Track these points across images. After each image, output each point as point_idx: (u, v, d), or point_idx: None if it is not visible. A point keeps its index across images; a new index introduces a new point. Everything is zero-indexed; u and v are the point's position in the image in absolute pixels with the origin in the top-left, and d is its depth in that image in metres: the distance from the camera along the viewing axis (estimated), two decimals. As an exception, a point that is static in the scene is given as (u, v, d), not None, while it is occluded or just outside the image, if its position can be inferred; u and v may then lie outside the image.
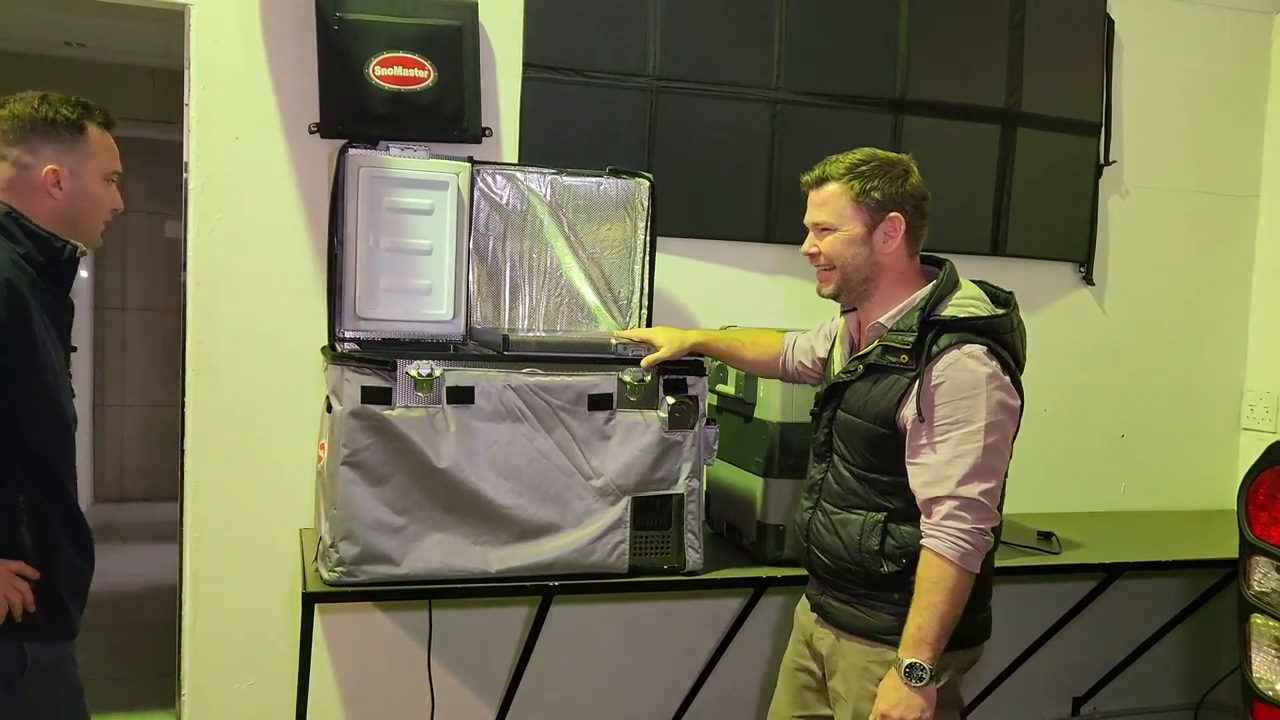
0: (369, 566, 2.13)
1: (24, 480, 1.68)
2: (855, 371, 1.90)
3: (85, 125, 1.79)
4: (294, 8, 2.64)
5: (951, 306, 1.84)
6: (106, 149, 1.82)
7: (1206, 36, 3.48)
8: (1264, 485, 2.11)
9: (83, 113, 1.79)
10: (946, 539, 1.75)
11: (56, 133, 1.76)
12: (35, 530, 1.70)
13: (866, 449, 1.88)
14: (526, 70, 2.81)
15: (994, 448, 1.78)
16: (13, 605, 1.65)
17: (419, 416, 2.13)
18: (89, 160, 1.79)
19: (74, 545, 1.77)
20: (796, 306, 3.06)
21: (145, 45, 4.37)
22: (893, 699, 1.77)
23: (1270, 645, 2.09)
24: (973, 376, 1.77)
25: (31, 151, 1.75)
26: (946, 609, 1.75)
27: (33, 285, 1.69)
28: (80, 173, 1.78)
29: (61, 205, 1.77)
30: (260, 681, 2.77)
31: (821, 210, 1.91)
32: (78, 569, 1.79)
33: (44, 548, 1.71)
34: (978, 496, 1.76)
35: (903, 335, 1.83)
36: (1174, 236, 3.51)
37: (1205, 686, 3.56)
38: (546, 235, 2.60)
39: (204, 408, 2.67)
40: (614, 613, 3.04)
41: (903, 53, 3.11)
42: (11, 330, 1.62)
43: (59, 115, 1.76)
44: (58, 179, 1.76)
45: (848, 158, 1.90)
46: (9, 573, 1.65)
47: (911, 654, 1.76)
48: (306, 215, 2.69)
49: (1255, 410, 3.59)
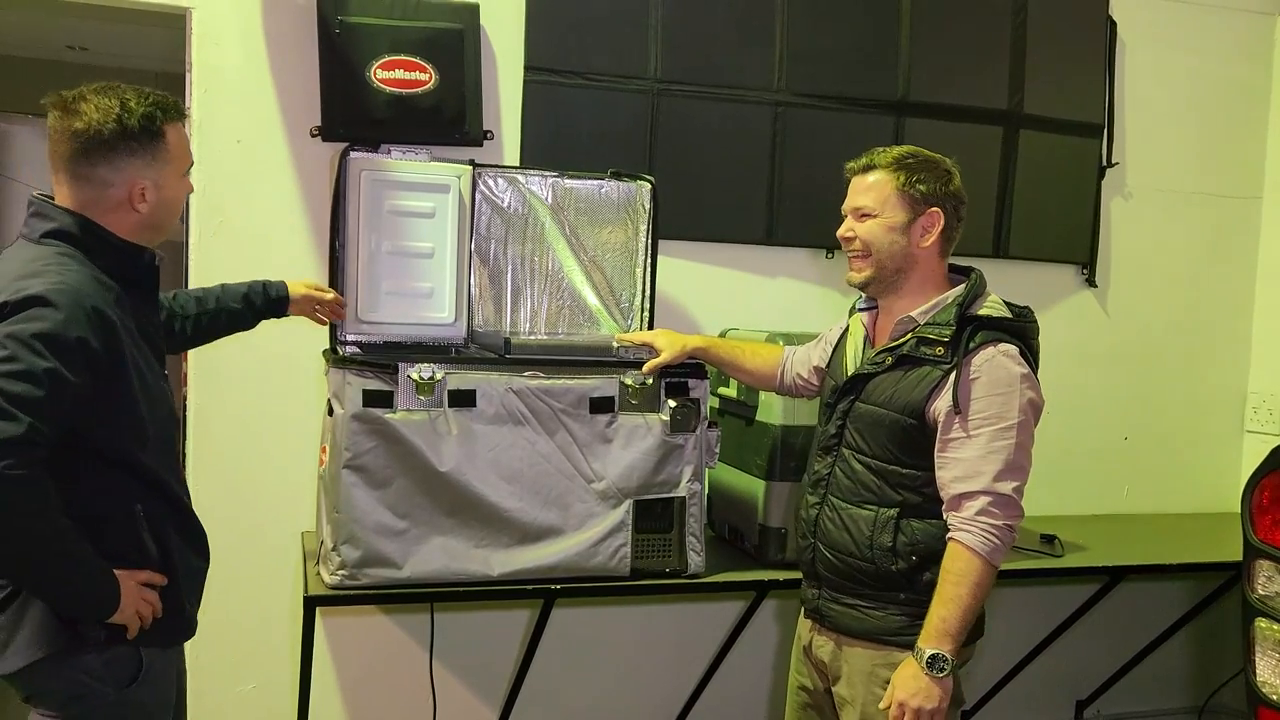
0: (371, 570, 2.13)
1: (138, 492, 1.66)
2: (883, 363, 1.90)
3: (164, 130, 1.68)
4: (295, 11, 2.64)
5: (985, 308, 1.87)
6: (183, 146, 1.74)
7: (1209, 38, 3.47)
8: (1268, 488, 2.11)
9: (160, 115, 1.68)
10: (979, 533, 1.76)
11: (139, 145, 1.65)
12: (156, 538, 1.69)
13: (889, 440, 1.87)
14: (528, 73, 2.81)
15: (1024, 446, 1.80)
16: (143, 616, 1.65)
17: (421, 420, 2.13)
18: (170, 165, 1.70)
19: (190, 547, 1.77)
20: (798, 309, 3.06)
21: (147, 49, 4.37)
22: (912, 688, 1.77)
23: (1274, 649, 2.08)
24: (1008, 374, 1.80)
25: (115, 169, 1.65)
26: (971, 603, 1.76)
27: (119, 301, 1.64)
28: (164, 182, 1.70)
29: (146, 217, 1.69)
30: (261, 685, 2.77)
31: (865, 195, 1.92)
32: (195, 569, 1.79)
33: (166, 554, 1.70)
34: (1010, 493, 1.78)
35: (940, 329, 1.84)
36: (1177, 238, 3.51)
37: (1209, 690, 3.54)
38: (548, 238, 2.59)
39: (205, 411, 2.67)
40: (616, 616, 3.04)
41: (904, 55, 3.10)
42: (103, 358, 1.57)
43: (139, 124, 1.64)
44: (144, 194, 1.68)
45: (895, 150, 1.93)
46: (138, 584, 1.64)
47: (934, 645, 1.76)
48: (308, 218, 2.69)
49: (1259, 413, 3.58)
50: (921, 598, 1.84)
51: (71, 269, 1.60)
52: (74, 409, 1.54)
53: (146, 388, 1.66)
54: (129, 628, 1.64)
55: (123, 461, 1.64)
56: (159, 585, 1.68)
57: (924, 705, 1.76)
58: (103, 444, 1.62)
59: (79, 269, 1.61)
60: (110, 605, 1.60)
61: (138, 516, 1.66)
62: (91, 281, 1.60)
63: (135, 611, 1.63)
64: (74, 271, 1.59)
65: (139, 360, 1.66)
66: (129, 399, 1.62)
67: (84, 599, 1.60)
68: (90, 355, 1.54)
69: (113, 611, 1.61)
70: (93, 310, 1.56)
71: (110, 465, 1.63)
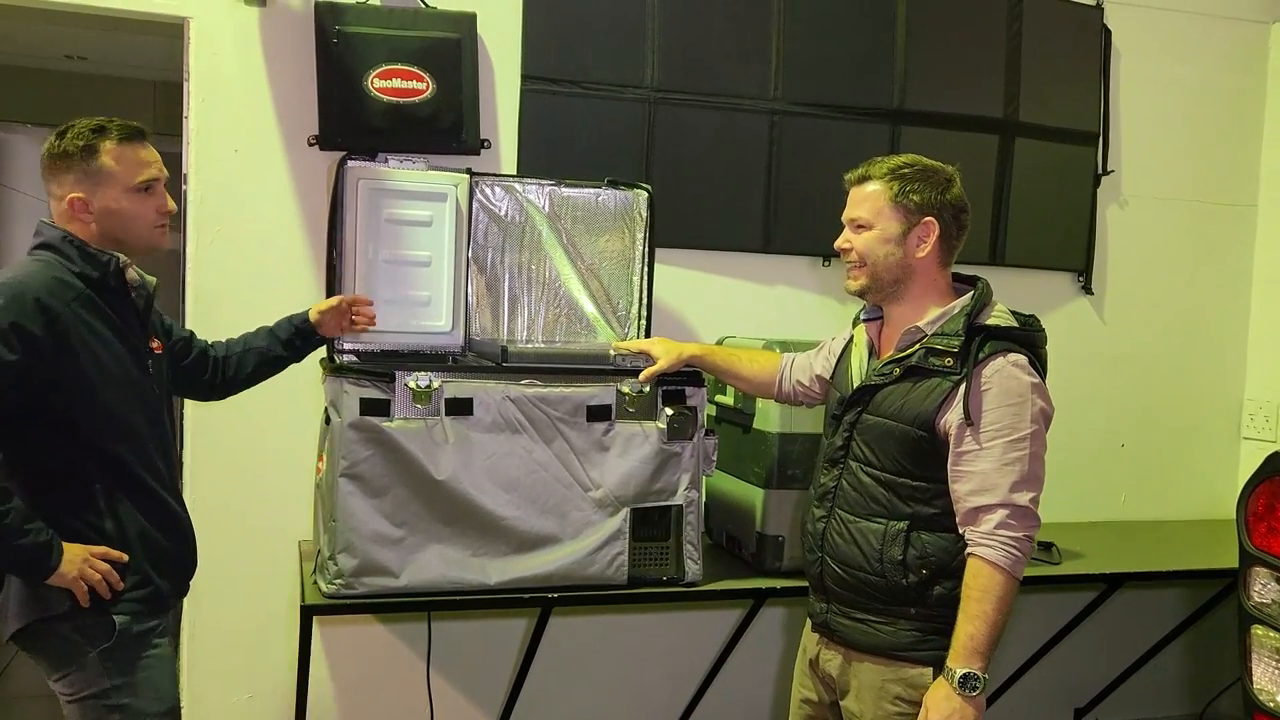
0: (368, 579, 2.13)
1: (96, 473, 1.86)
2: (891, 374, 1.88)
3: (97, 147, 1.87)
4: (293, 20, 2.65)
5: (993, 317, 1.86)
6: (126, 163, 1.90)
7: (1203, 46, 3.48)
8: (1264, 495, 2.10)
9: (94, 135, 1.88)
10: (1000, 547, 1.74)
11: (72, 163, 1.87)
12: (114, 516, 1.87)
13: (899, 453, 1.85)
14: (525, 82, 2.82)
15: (1038, 456, 1.79)
16: (93, 583, 1.81)
17: (417, 428, 2.13)
18: (107, 180, 1.88)
19: (157, 528, 1.92)
20: (795, 317, 3.06)
21: (146, 58, 4.37)
22: (946, 710, 1.74)
23: (1271, 656, 2.08)
24: (1019, 384, 1.79)
25: (59, 184, 1.89)
26: (998, 617, 1.74)
27: (81, 299, 1.84)
28: (101, 195, 1.88)
29: (97, 228, 1.89)
30: (259, 694, 2.76)
31: (860, 207, 1.92)
32: (163, 548, 1.94)
33: (126, 532, 1.88)
34: (1027, 504, 1.77)
35: (948, 339, 1.83)
36: (1172, 246, 3.51)
37: (1207, 697, 3.54)
38: (545, 246, 2.60)
39: (203, 420, 2.67)
40: (613, 624, 3.03)
41: (900, 63, 3.11)
42: (45, 342, 1.77)
43: (71, 146, 1.86)
44: (85, 206, 1.88)
45: (892, 160, 1.92)
46: (86, 554, 1.81)
47: (964, 664, 1.74)
48: (305, 227, 2.70)
49: (1255, 419, 3.58)
50: (933, 612, 1.82)
51: (32, 270, 1.83)
52: (20, 385, 1.75)
53: (106, 374, 1.85)
54: (75, 592, 1.80)
55: (84, 443, 1.84)
56: (114, 560, 1.84)
57: None
58: (64, 423, 1.82)
59: (41, 270, 1.83)
60: (44, 568, 1.78)
61: (95, 495, 1.86)
62: (49, 280, 1.82)
63: (78, 577, 1.79)
64: (33, 273, 1.82)
65: (98, 349, 1.84)
66: (83, 383, 1.82)
67: (16, 558, 1.78)
68: (27, 338, 1.75)
69: (48, 574, 1.78)
70: (34, 301, 1.77)
71: (72, 445, 1.83)
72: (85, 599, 1.82)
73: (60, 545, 1.79)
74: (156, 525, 1.93)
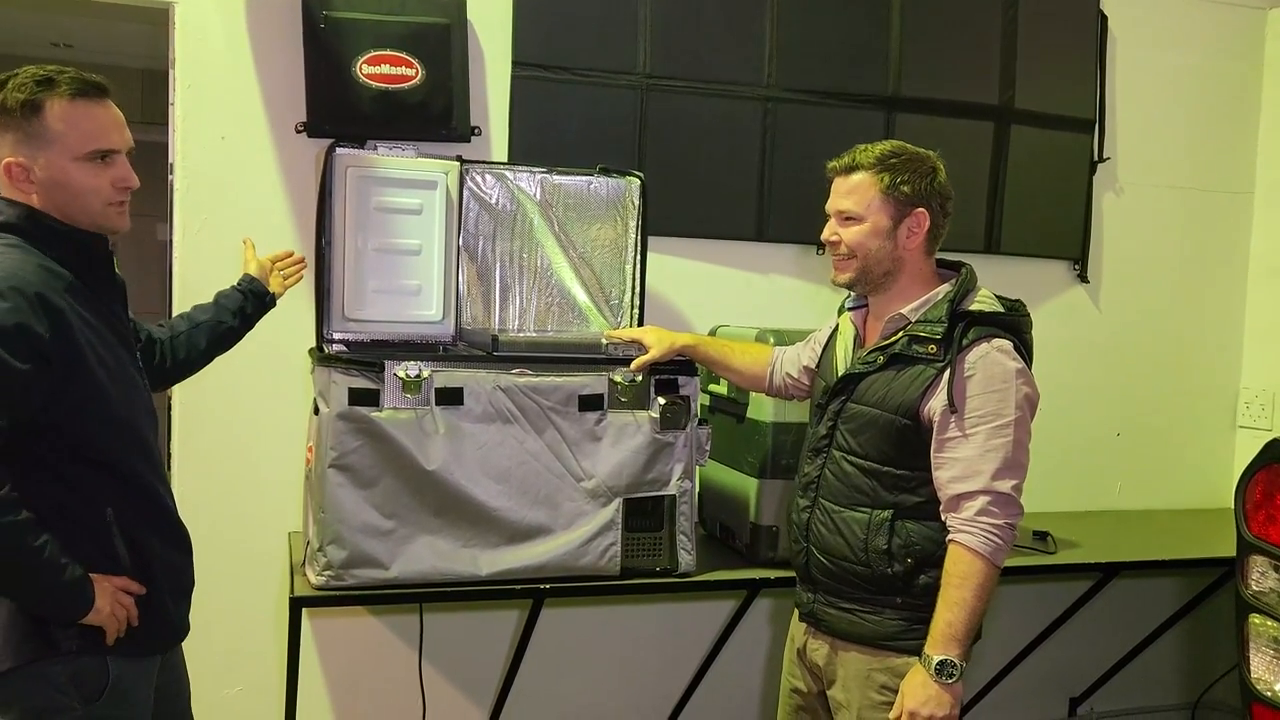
0: (358, 570, 2.10)
1: (109, 492, 1.60)
2: (874, 362, 1.87)
3: (41, 104, 1.53)
4: (279, 5, 2.61)
5: (976, 303, 1.84)
6: (77, 125, 1.55)
7: (1200, 32, 3.46)
8: (1261, 483, 2.09)
9: (38, 88, 1.53)
10: (980, 534, 1.74)
11: (11, 120, 1.53)
12: (129, 541, 1.63)
13: (883, 441, 1.84)
14: (516, 68, 2.78)
15: (1021, 443, 1.78)
16: (122, 620, 1.60)
17: (407, 418, 2.10)
18: (52, 144, 1.55)
19: (168, 545, 1.71)
20: (788, 305, 3.04)
21: (133, 46, 4.33)
22: (922, 696, 1.74)
23: (1268, 645, 2.07)
24: (1003, 370, 1.78)
25: None
26: (976, 605, 1.74)
27: (70, 289, 1.56)
28: (44, 161, 1.55)
29: (39, 200, 1.57)
30: (248, 687, 2.74)
31: (848, 199, 1.88)
32: (177, 567, 1.73)
33: (141, 558, 1.64)
34: (1009, 491, 1.76)
35: (931, 326, 1.82)
36: (1169, 233, 3.50)
37: (1203, 686, 3.54)
38: (537, 235, 2.57)
39: (190, 410, 2.64)
40: (606, 615, 3.02)
41: (895, 50, 3.09)
42: (53, 345, 1.50)
43: (10, 100, 1.53)
44: (25, 173, 1.55)
45: (878, 148, 1.88)
46: (115, 589, 1.58)
47: (941, 650, 1.74)
48: (294, 216, 2.67)
49: (1251, 408, 3.57)
50: (918, 601, 1.82)
51: (13, 257, 1.53)
52: (28, 397, 1.48)
53: (113, 377, 1.60)
54: (106, 630, 1.58)
55: (95, 458, 1.59)
56: (135, 593, 1.63)
57: (935, 713, 1.74)
58: (71, 437, 1.56)
59: (22, 257, 1.54)
60: (83, 605, 1.54)
61: (109, 521, 1.61)
62: (36, 269, 1.53)
63: (112, 613, 1.57)
64: (15, 260, 1.53)
65: (100, 348, 1.59)
66: (93, 387, 1.56)
67: (52, 597, 1.54)
68: (35, 341, 1.47)
69: (85, 613, 1.55)
70: (36, 297, 1.49)
71: (81, 462, 1.58)
72: (114, 637, 1.58)
73: (89, 577, 1.54)
74: (171, 542, 1.72)
